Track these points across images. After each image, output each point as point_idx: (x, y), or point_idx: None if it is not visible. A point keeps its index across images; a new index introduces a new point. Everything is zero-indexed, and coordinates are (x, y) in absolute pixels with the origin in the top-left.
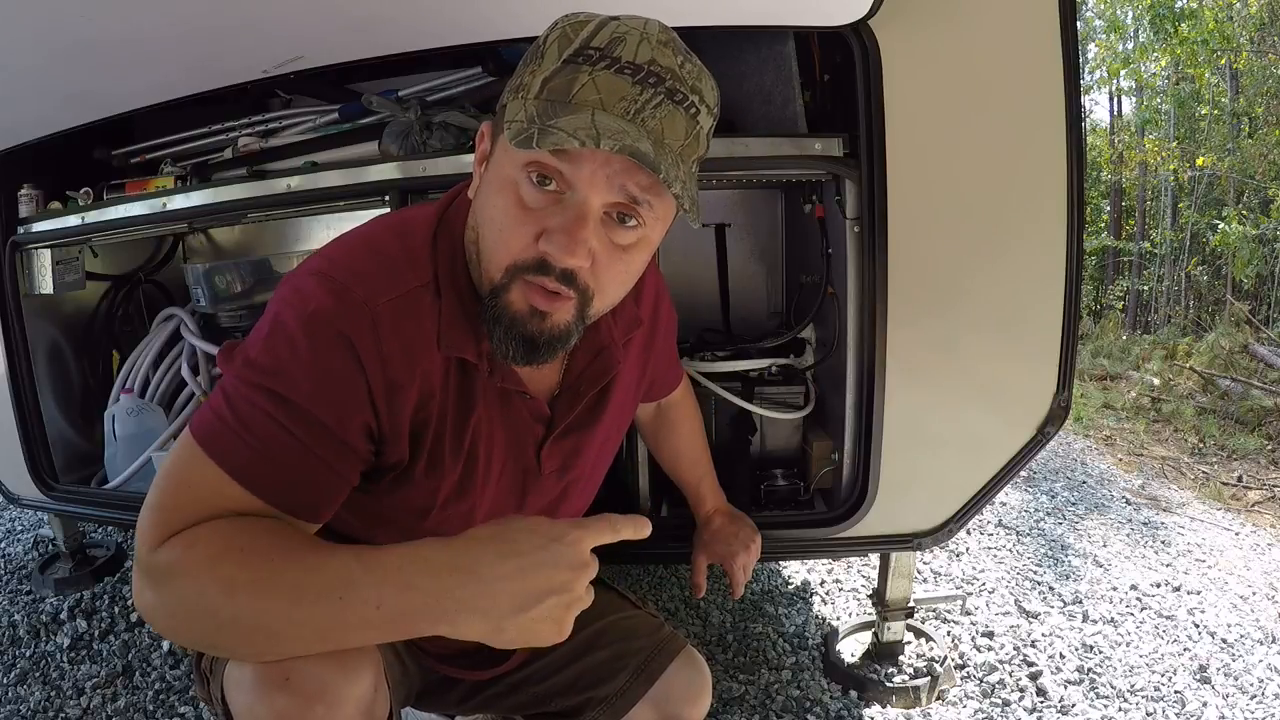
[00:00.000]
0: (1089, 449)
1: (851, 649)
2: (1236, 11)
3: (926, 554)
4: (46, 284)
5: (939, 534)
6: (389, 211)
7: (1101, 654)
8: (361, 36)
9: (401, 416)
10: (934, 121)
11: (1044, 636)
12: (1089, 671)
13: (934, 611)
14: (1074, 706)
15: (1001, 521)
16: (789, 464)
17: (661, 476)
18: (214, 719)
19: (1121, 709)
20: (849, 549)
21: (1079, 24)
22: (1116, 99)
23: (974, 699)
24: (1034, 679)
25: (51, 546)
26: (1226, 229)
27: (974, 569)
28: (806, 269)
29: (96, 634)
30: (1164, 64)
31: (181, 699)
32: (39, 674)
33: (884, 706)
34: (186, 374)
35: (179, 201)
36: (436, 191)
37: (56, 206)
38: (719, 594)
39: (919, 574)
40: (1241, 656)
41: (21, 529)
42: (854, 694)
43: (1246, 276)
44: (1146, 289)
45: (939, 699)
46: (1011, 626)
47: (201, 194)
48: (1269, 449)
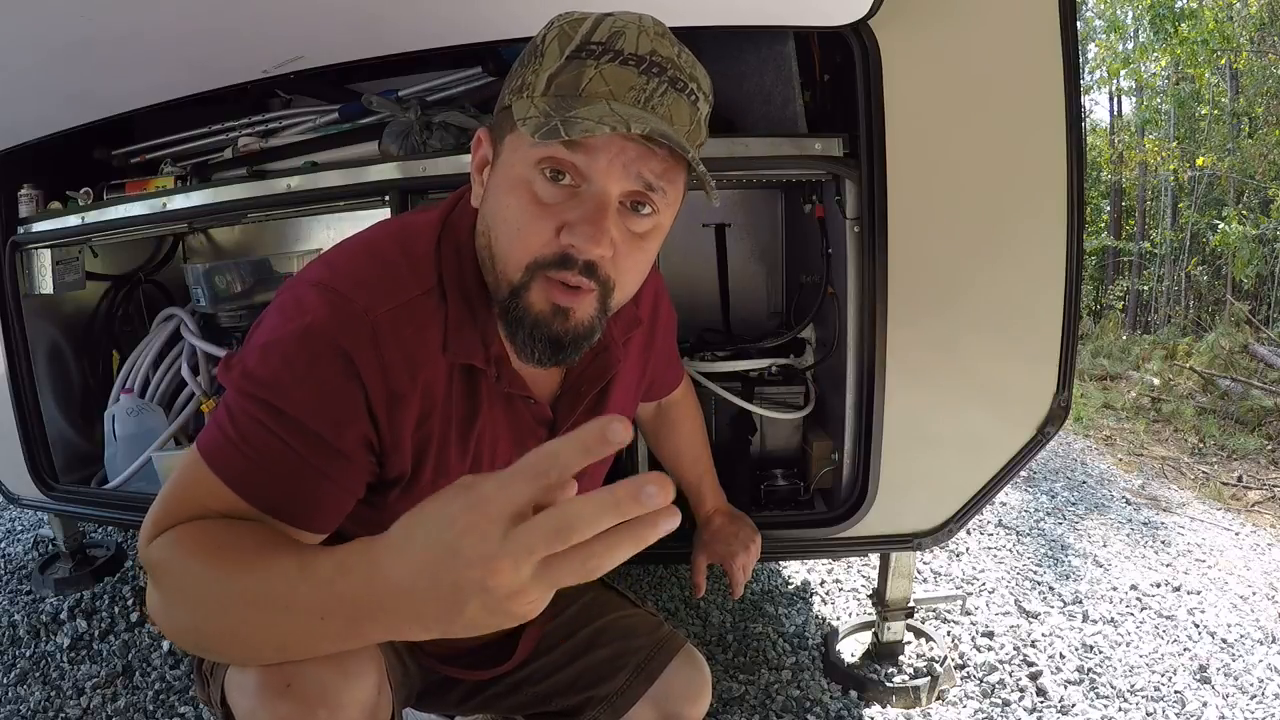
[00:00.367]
0: (1089, 449)
1: (851, 649)
2: (1236, 11)
3: (926, 554)
4: (46, 284)
5: (939, 534)
6: (391, 217)
7: (1101, 654)
8: (361, 36)
9: (403, 427)
10: (934, 121)
11: (1044, 636)
12: (1089, 671)
13: (934, 611)
14: (1074, 706)
15: (1001, 521)
16: (789, 464)
17: None
18: None
19: (1121, 709)
20: (849, 549)
21: (1079, 24)
22: (1116, 99)
23: (974, 699)
24: (1034, 679)
25: (51, 546)
26: (1226, 229)
27: (974, 569)
28: (806, 269)
29: (96, 634)
30: (1164, 64)
31: (181, 699)
32: (39, 674)
33: (884, 706)
34: (186, 374)
35: (179, 201)
36: (436, 191)
37: (56, 206)
38: (719, 594)
39: (919, 574)
40: (1241, 656)
41: (21, 529)
42: (854, 694)
43: (1246, 276)
44: (1146, 289)
45: (939, 699)
46: (1011, 626)
47: (201, 194)
48: (1269, 449)
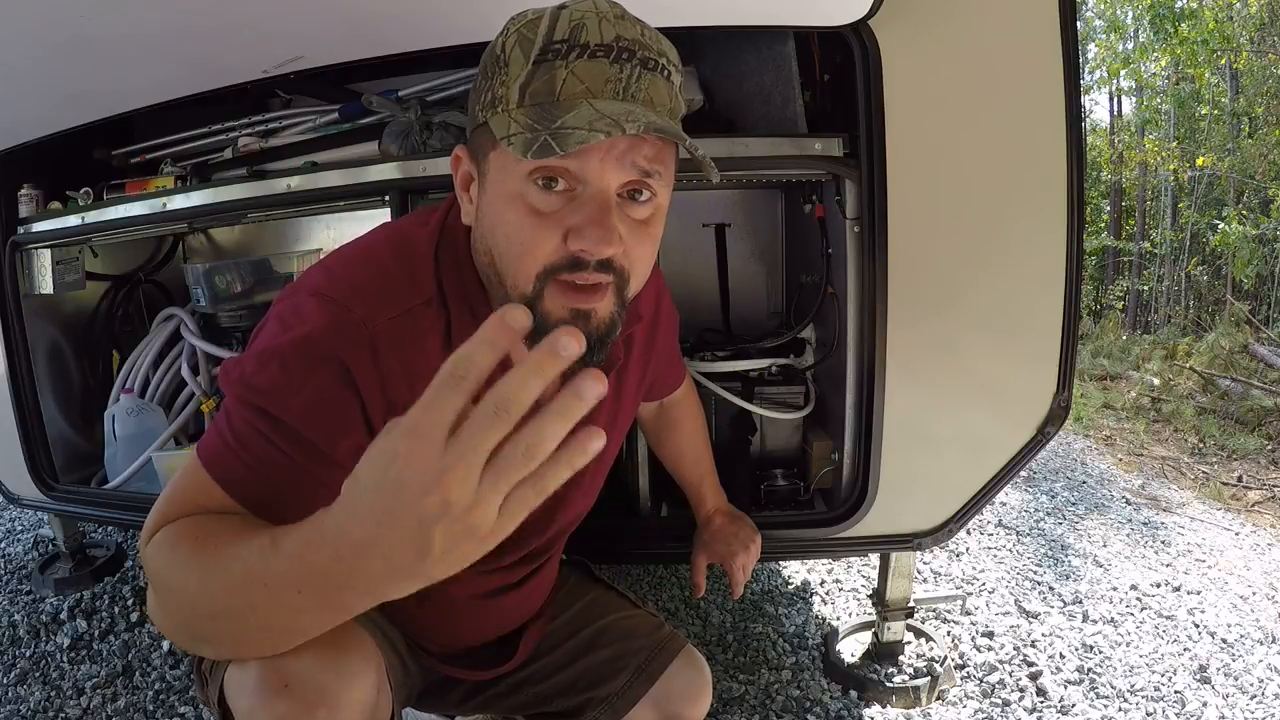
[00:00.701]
0: (1089, 449)
1: (851, 649)
2: (1236, 11)
3: (926, 554)
4: (46, 284)
5: (939, 534)
6: (388, 223)
7: (1101, 654)
8: (361, 36)
9: None
10: (934, 121)
11: (1044, 636)
12: (1089, 671)
13: (934, 611)
14: (1074, 706)
15: (1001, 521)
16: (789, 464)
17: (661, 476)
18: None
19: (1121, 709)
20: (849, 549)
21: (1079, 24)
22: (1116, 99)
23: (974, 699)
24: (1034, 679)
25: (51, 546)
26: (1226, 229)
27: (974, 569)
28: (806, 269)
29: (96, 634)
30: (1164, 64)
31: (181, 699)
32: (39, 674)
33: (884, 706)
34: (186, 374)
35: (179, 201)
36: (436, 191)
37: (56, 206)
38: (719, 594)
39: (919, 574)
40: (1241, 656)
41: (21, 529)
42: (854, 694)
43: (1246, 276)
44: (1146, 289)
45: (939, 699)
46: (1011, 626)
47: (201, 194)
48: (1269, 449)
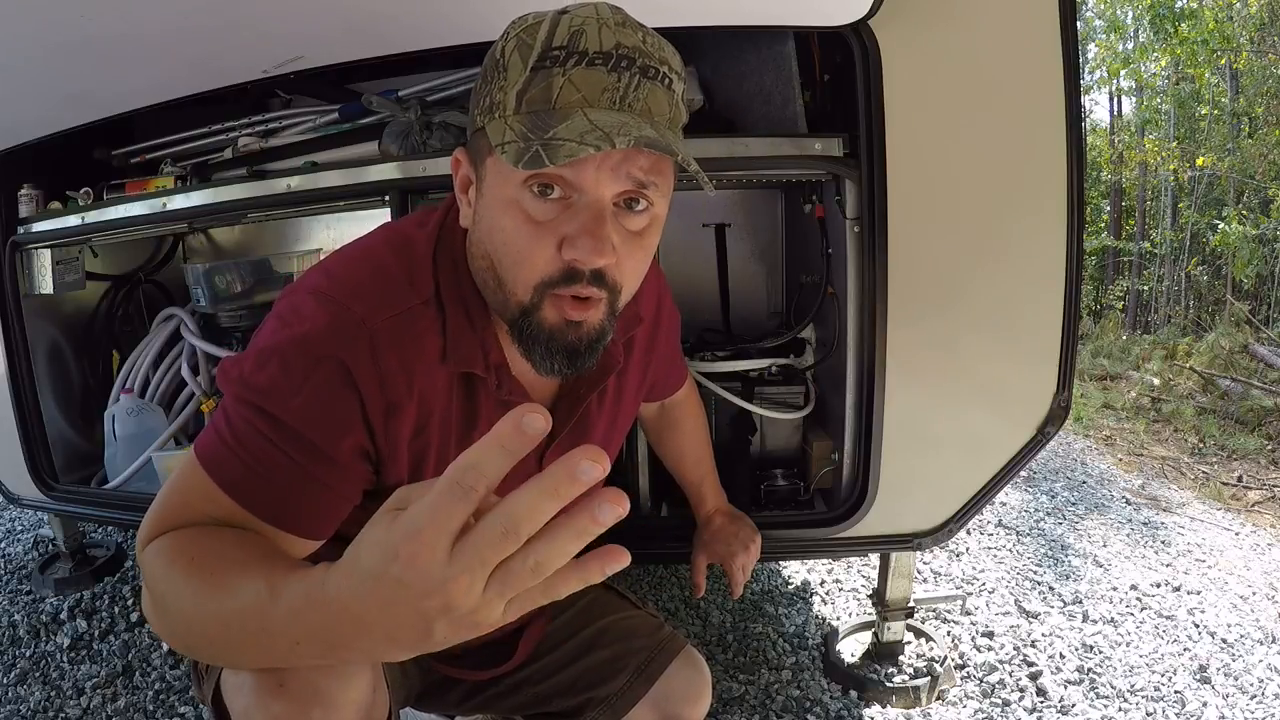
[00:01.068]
0: (1089, 449)
1: (851, 649)
2: (1236, 11)
3: (926, 554)
4: (46, 284)
5: (939, 534)
6: (388, 223)
7: (1101, 654)
8: (361, 36)
9: (399, 437)
10: (934, 121)
11: (1044, 636)
12: (1089, 671)
13: (934, 611)
14: (1074, 706)
15: (1001, 521)
16: (789, 464)
17: (661, 476)
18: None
19: (1121, 709)
20: (849, 549)
21: (1079, 24)
22: (1116, 99)
23: (974, 699)
24: (1034, 679)
25: (51, 546)
26: (1226, 229)
27: (974, 569)
28: (806, 269)
29: (96, 634)
30: (1164, 64)
31: (181, 699)
32: (39, 674)
33: (884, 706)
34: (186, 374)
35: (179, 201)
36: (436, 191)
37: (56, 206)
38: (719, 594)
39: (919, 574)
40: (1241, 656)
41: (21, 529)
42: (854, 694)
43: (1246, 276)
44: (1146, 289)
45: (939, 699)
46: (1011, 626)
47: (201, 194)
48: (1269, 449)
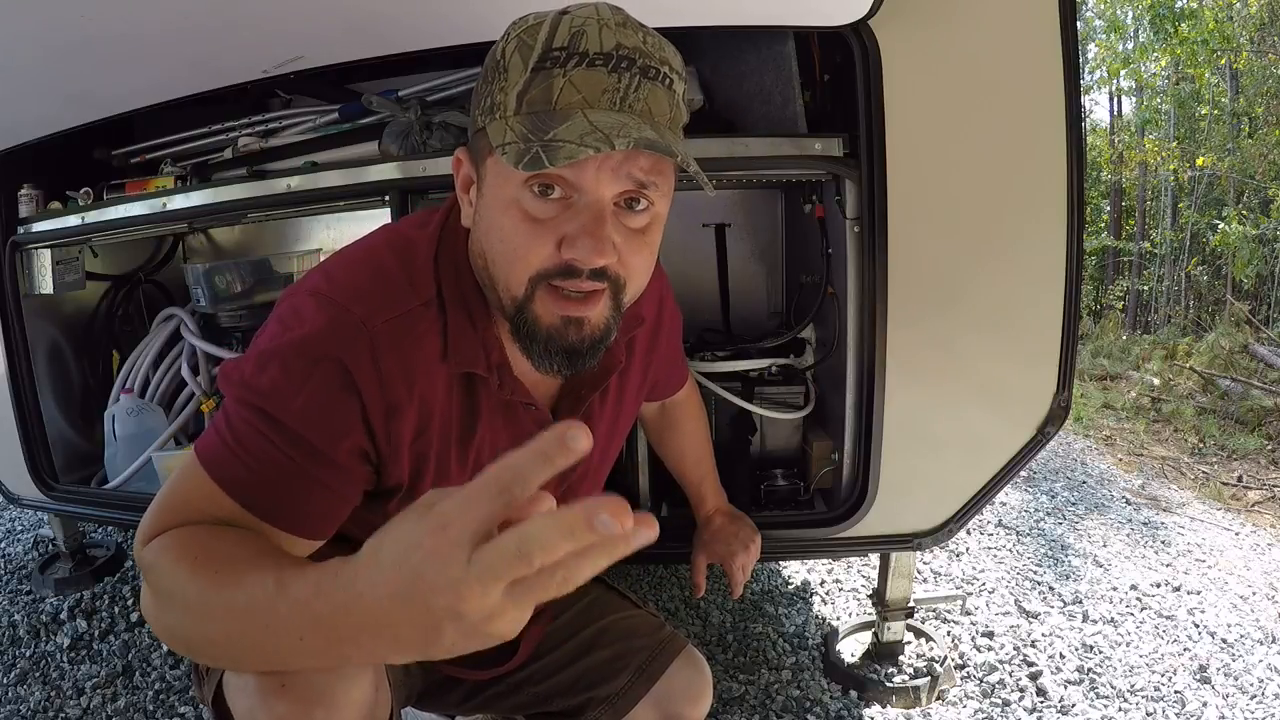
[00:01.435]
0: (1089, 449)
1: (851, 649)
2: (1236, 11)
3: (926, 554)
4: (46, 284)
5: (939, 534)
6: (388, 224)
7: (1101, 654)
8: (361, 36)
9: (400, 438)
10: (934, 121)
11: (1044, 636)
12: (1089, 671)
13: (934, 611)
14: (1074, 706)
15: (1001, 521)
16: (789, 464)
17: (661, 476)
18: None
19: (1121, 709)
20: (849, 549)
21: (1079, 24)
22: (1116, 99)
23: (974, 699)
24: (1034, 679)
25: (51, 546)
26: (1226, 229)
27: (974, 569)
28: (806, 269)
29: (96, 634)
30: (1164, 64)
31: (181, 699)
32: (39, 674)
33: (884, 706)
34: (186, 374)
35: (179, 201)
36: (436, 191)
37: (56, 206)
38: (719, 594)
39: (919, 574)
40: (1241, 656)
41: (21, 529)
42: (854, 694)
43: (1246, 276)
44: (1146, 289)
45: (939, 699)
46: (1011, 626)
47: (201, 194)
48: (1269, 449)
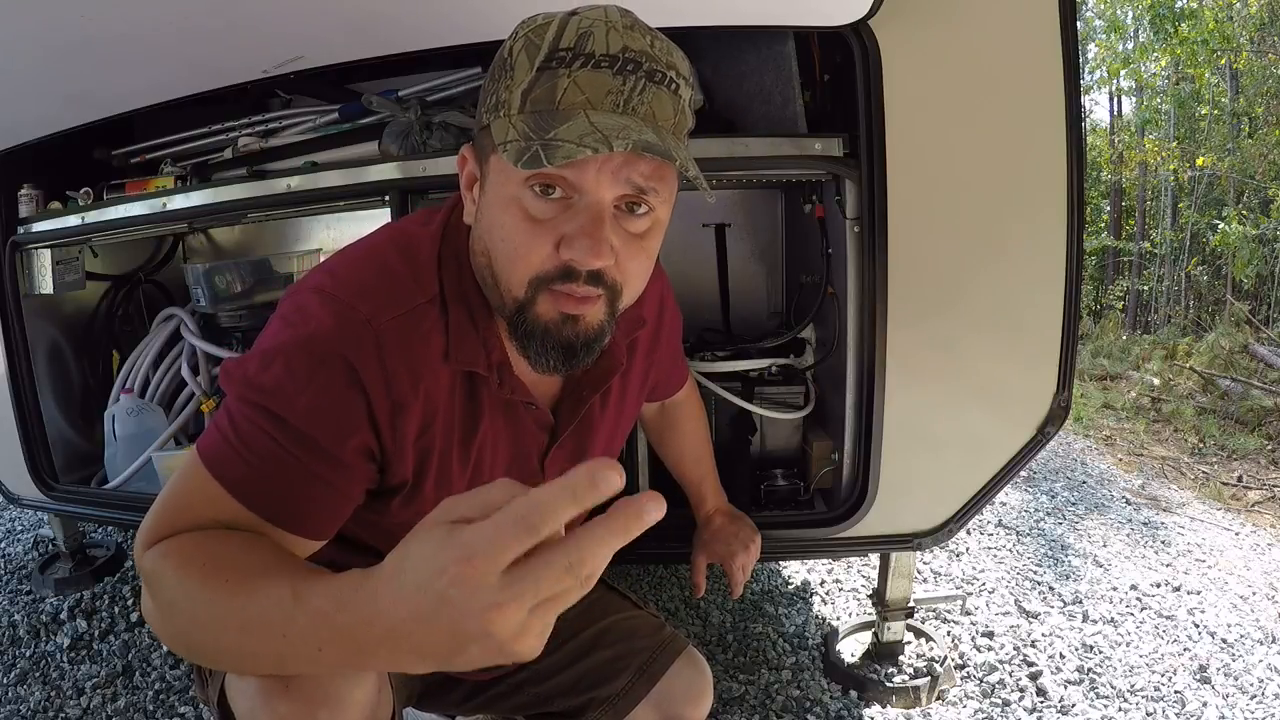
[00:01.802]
0: (1089, 449)
1: (851, 649)
2: (1236, 11)
3: (926, 554)
4: (46, 284)
5: (939, 534)
6: (391, 223)
7: (1101, 654)
8: (361, 36)
9: (405, 437)
10: (934, 121)
11: (1044, 636)
12: (1089, 671)
13: (934, 611)
14: (1074, 706)
15: (1001, 521)
16: (789, 464)
17: (661, 477)
18: None
19: (1121, 709)
20: (849, 549)
21: (1079, 24)
22: (1116, 99)
23: (974, 699)
24: (1034, 679)
25: (51, 546)
26: (1226, 229)
27: (974, 569)
28: (806, 269)
29: (96, 634)
30: (1164, 64)
31: (181, 699)
32: (39, 674)
33: (884, 706)
34: (186, 374)
35: (179, 201)
36: (436, 191)
37: (56, 206)
38: (719, 594)
39: (919, 574)
40: (1241, 656)
41: (21, 529)
42: (854, 694)
43: (1246, 276)
44: (1146, 289)
45: (939, 699)
46: (1011, 626)
47: (201, 194)
48: (1269, 449)
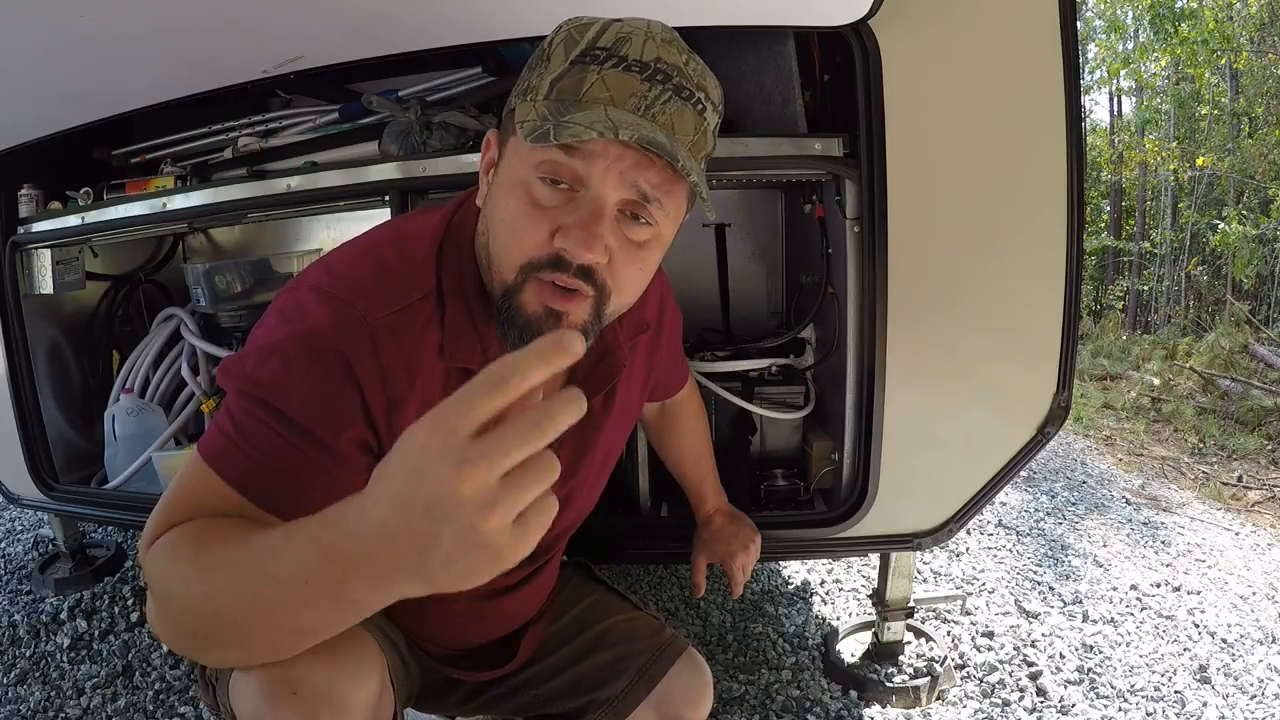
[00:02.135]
0: (1089, 449)
1: (851, 649)
2: (1236, 11)
3: (926, 554)
4: (46, 284)
5: (939, 534)
6: (392, 219)
7: (1101, 654)
8: (361, 36)
9: (402, 431)
10: (934, 121)
11: (1044, 636)
12: (1089, 671)
13: (934, 611)
14: (1074, 706)
15: (1001, 521)
16: (789, 464)
17: (661, 476)
18: None
19: (1121, 709)
20: (849, 549)
21: (1079, 24)
22: (1116, 99)
23: (974, 699)
24: (1034, 679)
25: (51, 546)
26: (1226, 229)
27: (974, 569)
28: (806, 269)
29: (96, 634)
30: (1164, 64)
31: (181, 699)
32: (39, 674)
33: (884, 706)
34: (186, 374)
35: (179, 201)
36: (436, 191)
37: (56, 206)
38: (719, 594)
39: (919, 574)
40: (1241, 656)
41: (21, 529)
42: (854, 694)
43: (1246, 276)
44: (1146, 289)
45: (939, 699)
46: (1011, 626)
47: (201, 194)
48: (1269, 449)
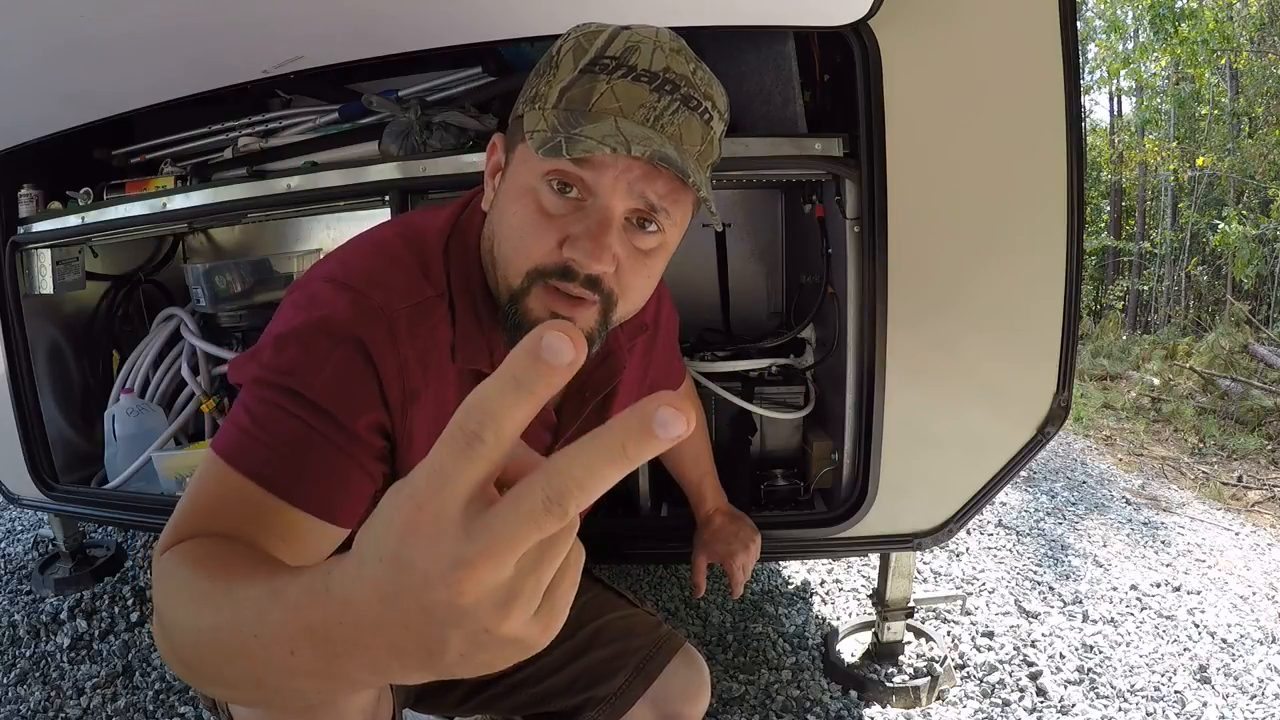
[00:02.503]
0: (1089, 449)
1: (851, 649)
2: (1236, 11)
3: (926, 554)
4: (46, 284)
5: (939, 534)
6: (397, 217)
7: (1101, 654)
8: (361, 36)
9: (415, 424)
10: (934, 121)
11: (1044, 636)
12: (1089, 671)
13: (934, 611)
14: (1074, 706)
15: (1001, 521)
16: (789, 464)
17: (661, 476)
18: None
19: (1121, 709)
20: (849, 549)
21: (1079, 24)
22: (1116, 99)
23: (974, 699)
24: (1034, 679)
25: (51, 546)
26: (1226, 229)
27: (974, 569)
28: (806, 269)
29: (96, 634)
30: (1164, 64)
31: (181, 699)
32: (39, 674)
33: (884, 706)
34: (186, 374)
35: (179, 201)
36: (436, 191)
37: (56, 206)
38: (719, 594)
39: (919, 574)
40: (1241, 656)
41: (21, 529)
42: (854, 694)
43: (1246, 276)
44: (1146, 289)
45: (939, 699)
46: (1011, 626)
47: (201, 194)
48: (1269, 449)
